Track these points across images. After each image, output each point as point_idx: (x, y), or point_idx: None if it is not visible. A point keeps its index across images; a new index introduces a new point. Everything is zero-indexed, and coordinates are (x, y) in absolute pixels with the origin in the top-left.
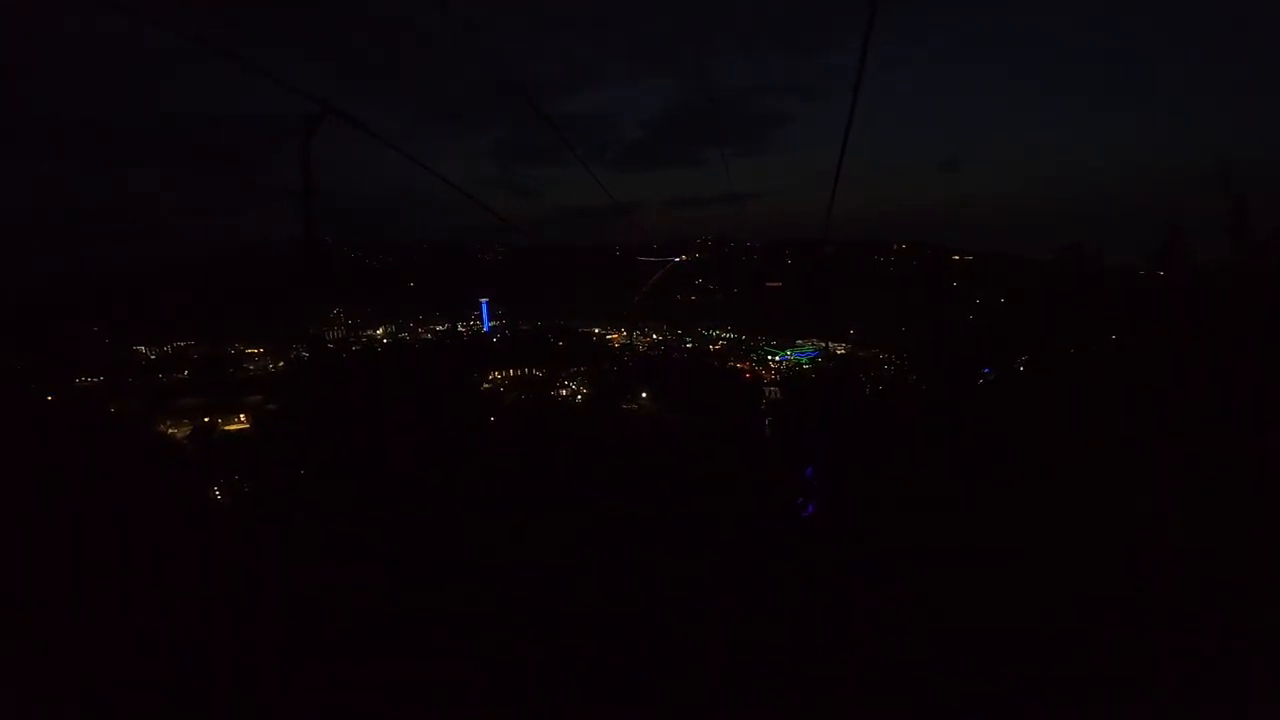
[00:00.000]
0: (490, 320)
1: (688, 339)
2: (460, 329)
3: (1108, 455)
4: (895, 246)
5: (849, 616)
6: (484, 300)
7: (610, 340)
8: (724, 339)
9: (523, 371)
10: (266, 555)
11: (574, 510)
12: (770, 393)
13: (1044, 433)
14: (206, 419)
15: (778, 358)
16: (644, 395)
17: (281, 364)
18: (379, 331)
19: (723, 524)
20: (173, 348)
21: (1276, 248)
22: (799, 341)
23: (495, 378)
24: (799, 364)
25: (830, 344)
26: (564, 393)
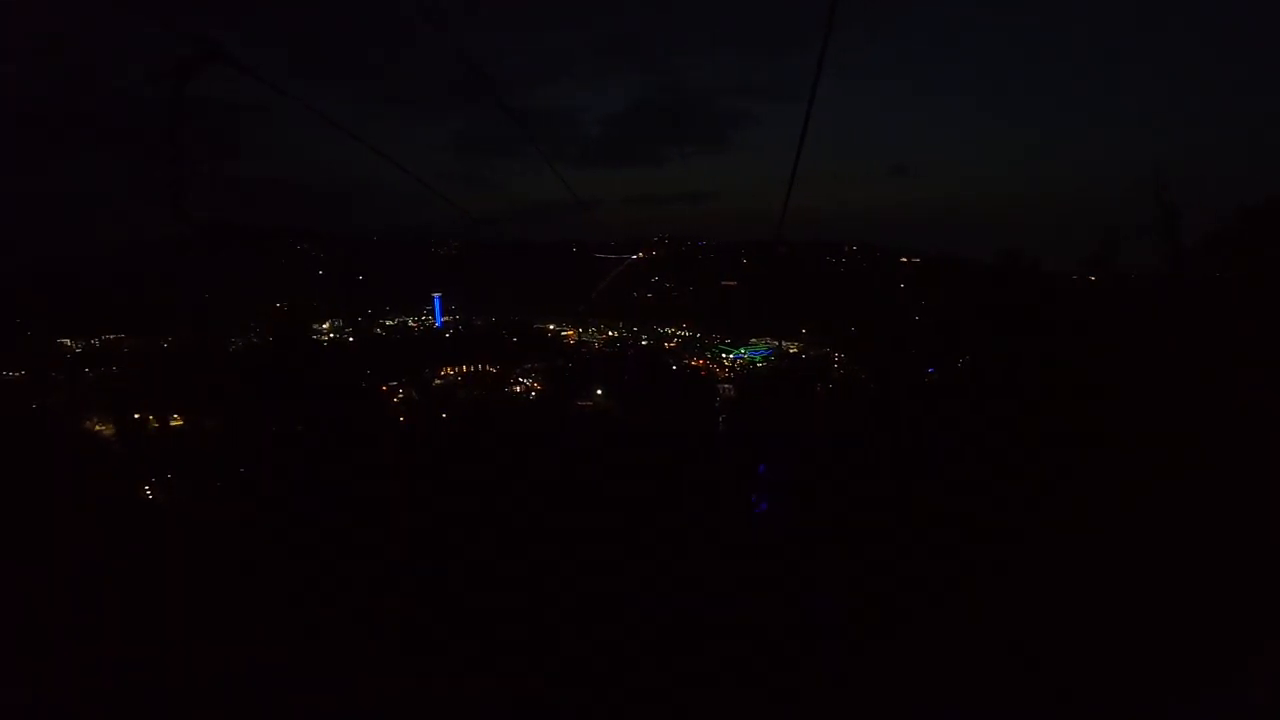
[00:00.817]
0: (443, 315)
1: (644, 336)
2: (412, 324)
3: (1044, 453)
4: (847, 248)
5: (803, 613)
6: (437, 295)
7: (566, 337)
8: (679, 337)
9: (476, 368)
10: (201, 553)
11: (519, 508)
12: (724, 390)
13: (983, 430)
14: (136, 415)
15: (732, 356)
16: (599, 392)
17: None
18: (325, 325)
19: (676, 521)
20: (101, 340)
21: (1204, 255)
22: (753, 340)
23: (448, 373)
24: (753, 362)
25: (783, 343)
26: (518, 389)
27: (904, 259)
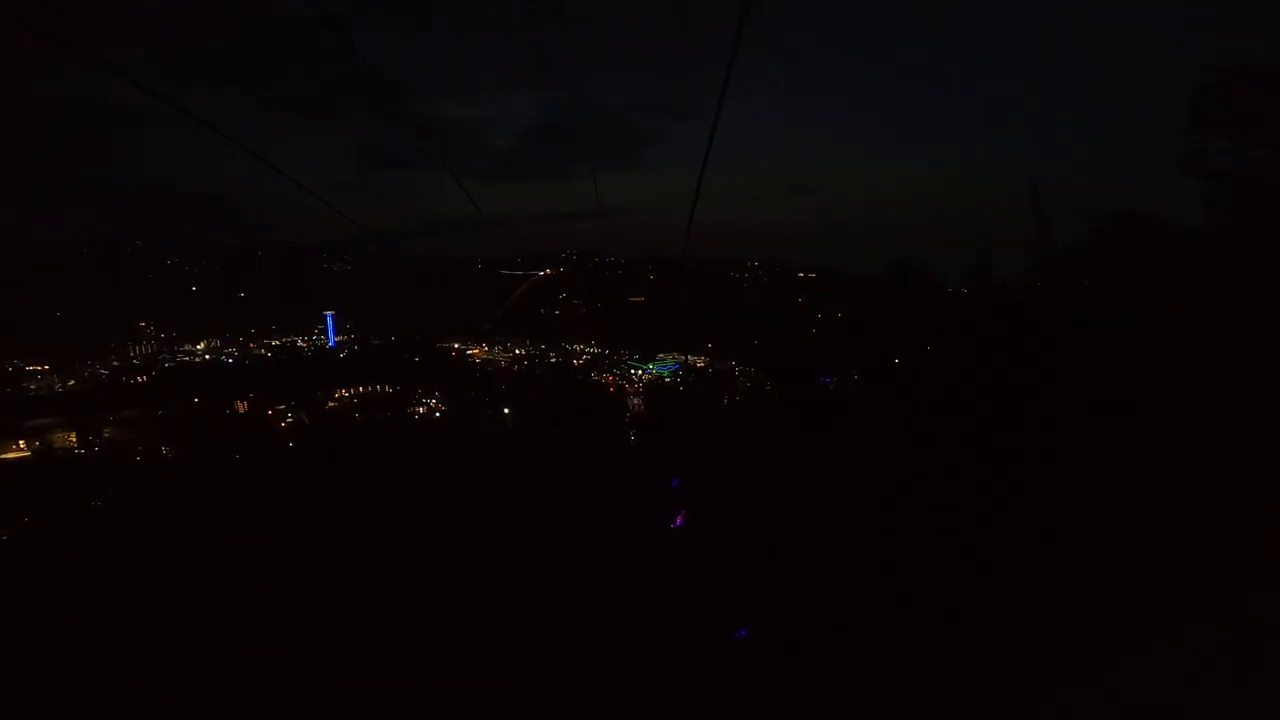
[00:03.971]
0: (337, 334)
1: (552, 354)
2: (302, 343)
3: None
4: (749, 264)
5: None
6: (329, 313)
7: (471, 355)
8: (588, 353)
9: (374, 389)
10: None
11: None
12: (634, 404)
13: (879, 433)
14: None
15: (640, 371)
16: (506, 411)
17: (71, 382)
18: (200, 346)
19: (588, 537)
20: None
21: (1074, 264)
22: (660, 355)
23: (342, 395)
24: (661, 377)
25: (690, 357)
26: (421, 410)
27: (801, 274)
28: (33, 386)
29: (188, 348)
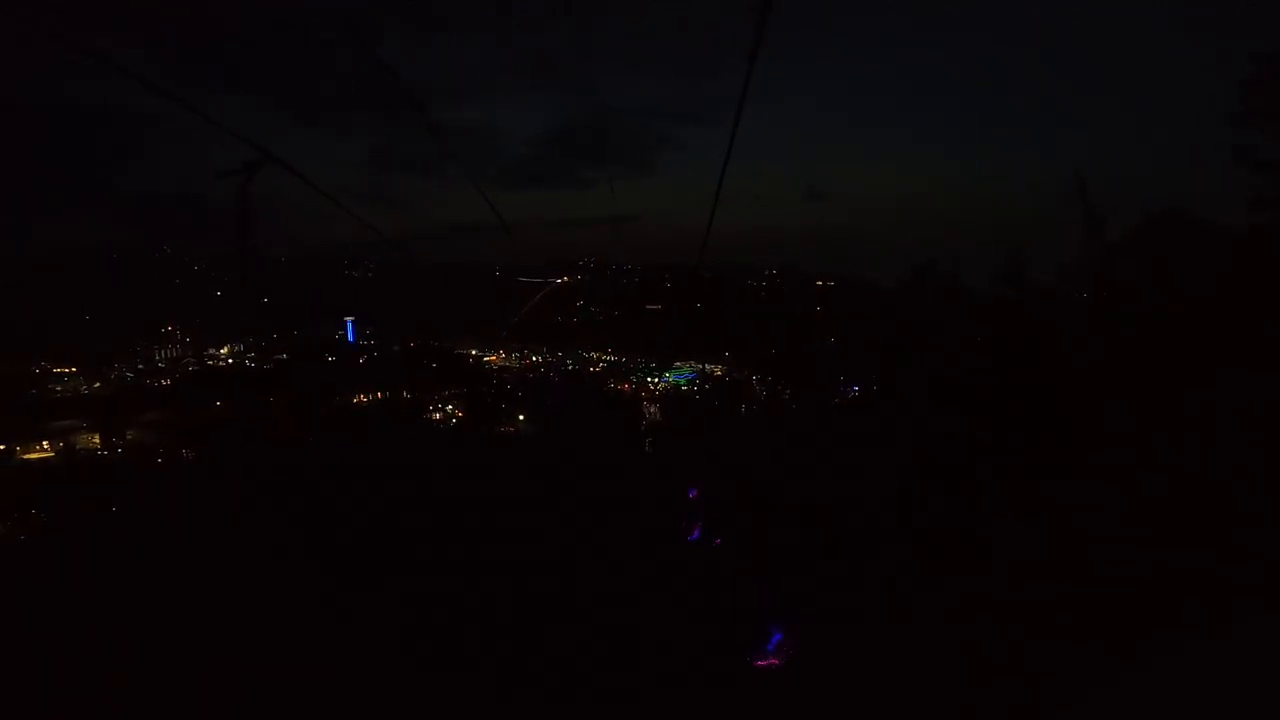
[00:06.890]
0: (356, 340)
1: (568, 361)
2: (322, 348)
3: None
4: (766, 272)
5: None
6: (349, 319)
7: (488, 362)
8: (605, 361)
9: (393, 393)
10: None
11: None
12: (651, 411)
13: (899, 442)
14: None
15: (657, 379)
16: (521, 418)
17: (97, 385)
18: (224, 350)
19: (606, 546)
20: None
21: (1132, 248)
22: (677, 364)
23: (362, 400)
24: (677, 385)
25: (707, 366)
26: (438, 415)
27: (819, 282)
28: (59, 389)
29: (211, 351)
